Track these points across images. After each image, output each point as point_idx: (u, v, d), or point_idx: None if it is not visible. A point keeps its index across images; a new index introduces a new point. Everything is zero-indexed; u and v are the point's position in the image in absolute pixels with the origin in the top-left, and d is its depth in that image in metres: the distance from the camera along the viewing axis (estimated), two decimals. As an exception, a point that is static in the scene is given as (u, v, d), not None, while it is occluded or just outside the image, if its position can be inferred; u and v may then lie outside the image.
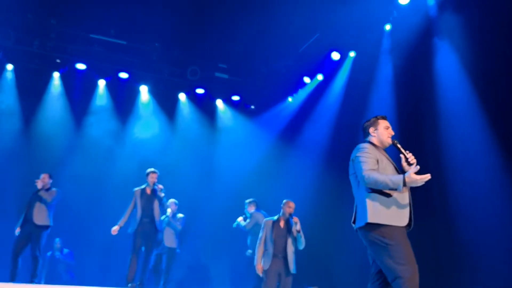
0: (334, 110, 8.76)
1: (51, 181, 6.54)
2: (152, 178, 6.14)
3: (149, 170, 6.28)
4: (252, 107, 10.49)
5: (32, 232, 6.20)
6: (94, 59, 8.92)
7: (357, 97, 8.22)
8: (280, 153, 9.70)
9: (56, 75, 9.15)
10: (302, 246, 5.36)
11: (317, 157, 8.88)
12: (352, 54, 8.49)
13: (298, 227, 5.25)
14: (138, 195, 6.10)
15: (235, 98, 10.28)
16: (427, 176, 2.96)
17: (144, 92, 9.76)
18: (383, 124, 3.38)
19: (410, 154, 3.24)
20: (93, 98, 9.44)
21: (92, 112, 9.39)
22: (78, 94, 9.33)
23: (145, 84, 9.62)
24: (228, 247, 9.05)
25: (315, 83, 9.29)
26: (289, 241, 5.28)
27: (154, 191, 6.11)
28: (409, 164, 3.21)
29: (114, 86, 9.54)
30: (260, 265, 5.22)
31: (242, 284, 8.16)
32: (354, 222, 3.24)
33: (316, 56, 8.80)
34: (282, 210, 5.46)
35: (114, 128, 9.55)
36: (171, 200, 7.02)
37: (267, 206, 5.83)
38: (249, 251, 6.80)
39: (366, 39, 7.95)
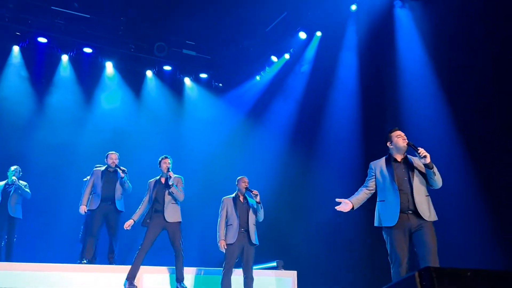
0: (300, 89, 8.90)
1: None
2: (165, 164, 5.65)
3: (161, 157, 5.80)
4: (220, 85, 10.47)
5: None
6: (57, 33, 8.62)
7: (323, 76, 8.38)
8: (248, 130, 9.79)
9: (16, 48, 8.81)
10: (261, 218, 5.54)
11: (283, 134, 9.04)
12: (318, 33, 8.60)
13: (258, 199, 5.39)
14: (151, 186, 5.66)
15: (203, 75, 10.23)
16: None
17: (109, 67, 9.55)
18: (395, 134, 4.03)
19: (421, 150, 3.82)
20: (56, 73, 9.16)
21: (55, 87, 9.12)
22: (40, 68, 9.02)
23: (110, 59, 9.40)
24: (195, 223, 9.14)
25: (282, 62, 9.37)
26: (251, 214, 5.46)
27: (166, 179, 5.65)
28: (421, 157, 3.83)
29: (78, 61, 9.27)
30: (223, 241, 5.31)
31: (210, 260, 8.31)
32: None
33: (283, 35, 8.86)
34: (238, 187, 5.59)
35: (77, 104, 9.32)
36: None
37: (233, 182, 5.90)
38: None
39: (332, 19, 8.06)
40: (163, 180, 5.74)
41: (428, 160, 3.79)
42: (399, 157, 4.00)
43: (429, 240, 3.69)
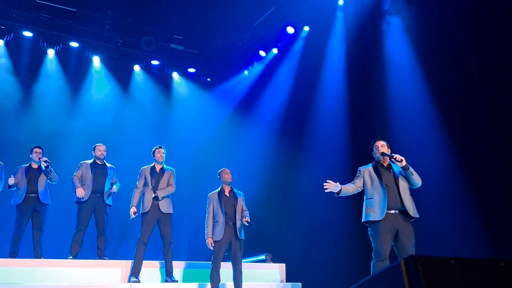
0: (288, 84, 8.93)
1: None
2: (158, 154, 5.81)
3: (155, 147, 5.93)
4: (208, 79, 10.47)
5: None
6: (42, 27, 8.51)
7: (311, 70, 8.42)
8: (236, 125, 9.81)
9: (0, 42, 8.67)
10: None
11: (271, 129, 9.07)
12: (306, 28, 8.63)
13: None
14: (147, 172, 5.74)
15: (191, 70, 10.21)
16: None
17: (96, 62, 9.46)
18: (375, 145, 4.48)
19: (396, 155, 4.24)
20: (42, 67, 9.04)
21: (41, 81, 9.00)
22: (26, 62, 8.90)
23: (97, 54, 9.31)
24: (184, 218, 9.16)
25: (270, 57, 9.40)
26: (238, 207, 5.37)
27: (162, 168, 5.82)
28: (397, 160, 4.23)
29: (65, 55, 9.17)
30: (211, 238, 5.24)
31: (199, 254, 8.34)
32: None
33: (271, 30, 8.87)
34: (222, 180, 5.48)
35: (64, 98, 9.22)
36: None
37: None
38: None
39: (320, 13, 8.10)
40: (157, 168, 5.79)
41: (403, 163, 4.20)
42: (385, 163, 4.45)
43: (411, 245, 4.09)
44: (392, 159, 4.27)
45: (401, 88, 6.84)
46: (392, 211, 4.18)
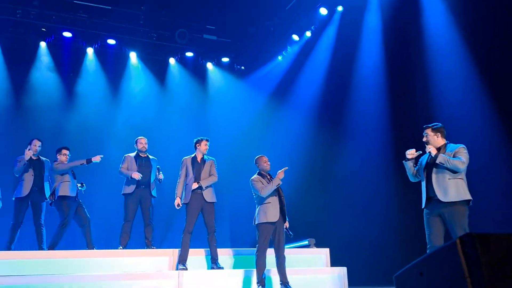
0: (324, 66, 8.77)
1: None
2: (205, 146, 5.85)
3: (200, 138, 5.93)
4: (242, 67, 10.46)
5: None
6: (80, 26, 8.78)
7: (346, 51, 8.23)
8: (272, 111, 9.77)
9: (43, 44, 9.03)
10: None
11: (308, 114, 8.97)
12: (340, 8, 8.41)
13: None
14: (189, 163, 5.79)
15: (225, 59, 10.24)
16: None
17: (133, 57, 9.68)
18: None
19: (427, 146, 4.40)
20: (82, 66, 9.35)
21: (82, 79, 9.32)
22: (67, 62, 9.23)
23: (134, 49, 9.51)
24: (224, 206, 9.27)
25: (304, 40, 9.25)
26: (281, 193, 5.35)
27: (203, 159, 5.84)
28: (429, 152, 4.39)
29: (103, 53, 9.44)
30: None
31: (241, 242, 8.44)
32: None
33: (303, 13, 8.71)
34: (261, 166, 5.40)
35: (104, 95, 9.52)
36: None
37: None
38: None
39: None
40: (199, 157, 5.85)
41: (433, 154, 4.28)
42: (434, 151, 4.36)
43: (460, 228, 4.02)
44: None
45: (443, 65, 6.56)
46: (431, 198, 4.25)
